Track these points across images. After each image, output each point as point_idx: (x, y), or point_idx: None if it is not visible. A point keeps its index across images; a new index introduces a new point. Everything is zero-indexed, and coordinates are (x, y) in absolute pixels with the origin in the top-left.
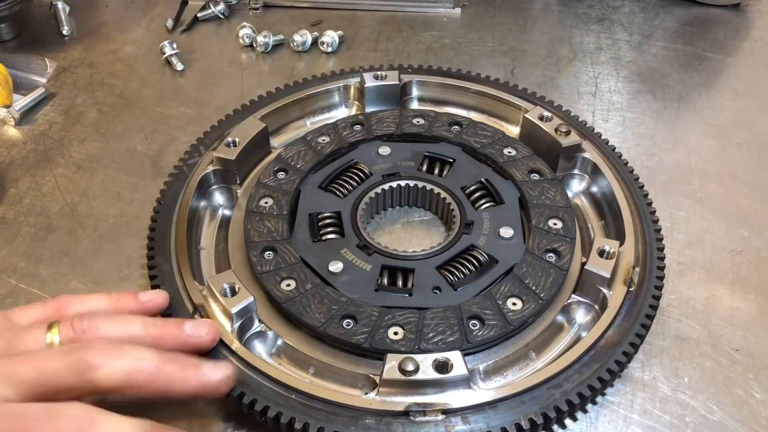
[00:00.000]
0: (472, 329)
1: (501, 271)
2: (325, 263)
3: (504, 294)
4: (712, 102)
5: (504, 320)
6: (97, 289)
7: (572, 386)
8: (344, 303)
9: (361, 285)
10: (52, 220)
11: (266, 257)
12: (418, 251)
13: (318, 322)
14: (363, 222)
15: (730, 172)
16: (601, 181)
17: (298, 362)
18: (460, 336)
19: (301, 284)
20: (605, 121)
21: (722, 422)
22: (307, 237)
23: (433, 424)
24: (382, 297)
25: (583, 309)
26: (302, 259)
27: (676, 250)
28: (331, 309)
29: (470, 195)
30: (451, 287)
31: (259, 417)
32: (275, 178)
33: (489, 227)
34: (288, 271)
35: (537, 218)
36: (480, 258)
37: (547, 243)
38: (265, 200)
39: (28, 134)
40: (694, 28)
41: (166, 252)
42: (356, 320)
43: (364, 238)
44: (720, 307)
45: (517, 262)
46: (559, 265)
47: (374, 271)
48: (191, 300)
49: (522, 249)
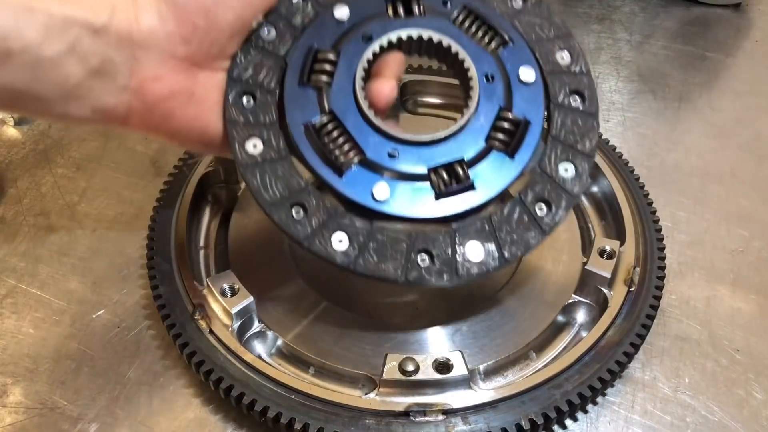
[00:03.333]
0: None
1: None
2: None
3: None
4: (712, 102)
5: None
6: (96, 289)
7: (573, 386)
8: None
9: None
10: (51, 220)
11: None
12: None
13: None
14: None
15: (730, 172)
16: (602, 181)
17: (298, 362)
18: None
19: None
20: (606, 120)
21: (723, 422)
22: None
23: (433, 425)
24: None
25: (584, 309)
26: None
27: (677, 250)
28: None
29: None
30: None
31: (258, 417)
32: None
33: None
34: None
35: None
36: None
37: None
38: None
39: (28, 134)
40: (695, 27)
41: (166, 252)
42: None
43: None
44: (721, 308)
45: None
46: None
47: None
48: (191, 300)
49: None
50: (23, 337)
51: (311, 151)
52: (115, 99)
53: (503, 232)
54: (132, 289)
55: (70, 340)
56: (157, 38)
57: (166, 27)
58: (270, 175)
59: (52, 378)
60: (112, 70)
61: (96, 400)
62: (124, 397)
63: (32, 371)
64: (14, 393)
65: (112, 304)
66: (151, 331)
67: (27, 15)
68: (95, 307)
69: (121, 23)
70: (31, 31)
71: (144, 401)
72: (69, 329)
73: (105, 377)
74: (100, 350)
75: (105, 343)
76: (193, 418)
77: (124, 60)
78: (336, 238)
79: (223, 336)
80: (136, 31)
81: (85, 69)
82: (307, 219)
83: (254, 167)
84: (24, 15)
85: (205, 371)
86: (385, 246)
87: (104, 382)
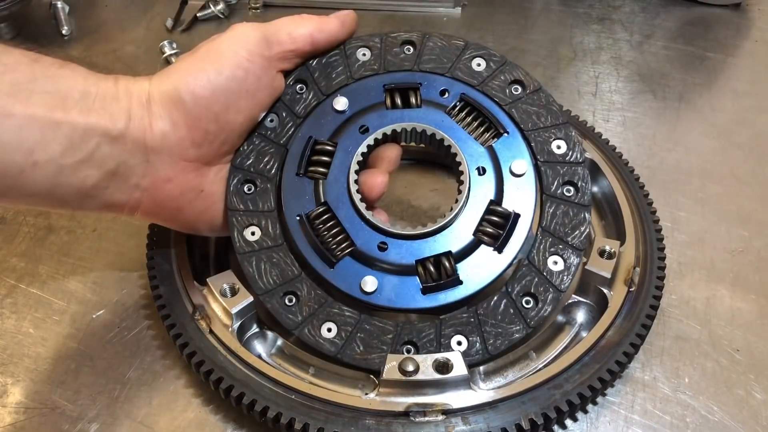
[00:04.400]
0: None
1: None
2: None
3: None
4: (712, 102)
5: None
6: (96, 289)
7: (573, 386)
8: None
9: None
10: (51, 220)
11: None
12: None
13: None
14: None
15: (730, 172)
16: (602, 181)
17: (298, 362)
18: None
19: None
20: (606, 120)
21: (722, 422)
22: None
23: (433, 425)
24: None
25: (584, 309)
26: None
27: (677, 250)
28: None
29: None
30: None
31: (259, 417)
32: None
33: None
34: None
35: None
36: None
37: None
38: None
39: None
40: (695, 27)
41: (166, 252)
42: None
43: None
44: (720, 308)
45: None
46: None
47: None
48: (191, 300)
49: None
50: (23, 337)
51: (305, 242)
52: (127, 196)
53: (488, 326)
54: (132, 289)
55: (70, 340)
56: (169, 143)
57: (178, 133)
58: (265, 263)
59: (52, 378)
60: (126, 173)
61: (96, 400)
62: (124, 397)
63: (32, 371)
64: (14, 393)
65: (112, 304)
66: (151, 331)
67: (53, 129)
68: (95, 307)
69: (136, 130)
70: (56, 144)
71: (144, 401)
72: (69, 329)
73: (105, 377)
74: (100, 350)
75: (105, 343)
76: (193, 418)
77: (138, 163)
78: (325, 327)
79: (223, 336)
80: (149, 137)
81: (102, 172)
82: (298, 307)
83: (251, 255)
84: (50, 129)
85: (205, 371)
86: (372, 336)
87: (104, 382)
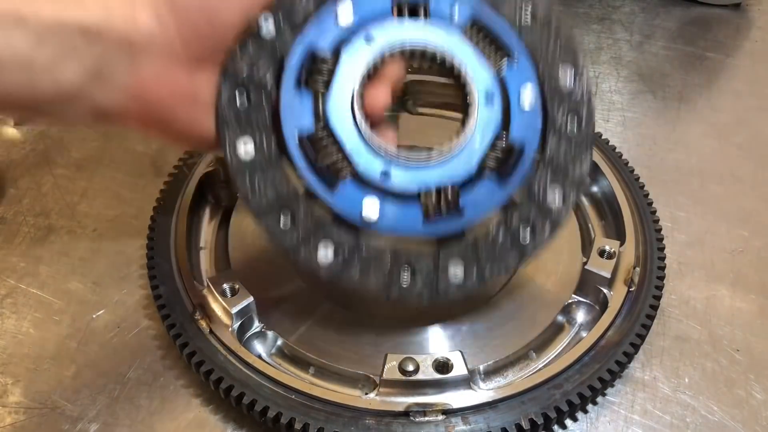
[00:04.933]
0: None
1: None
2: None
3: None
4: (712, 102)
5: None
6: (96, 289)
7: (573, 386)
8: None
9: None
10: (51, 220)
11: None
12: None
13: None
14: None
15: (730, 172)
16: (602, 181)
17: (298, 362)
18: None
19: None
20: (605, 120)
21: (723, 422)
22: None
23: (433, 425)
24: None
25: (584, 309)
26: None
27: (677, 250)
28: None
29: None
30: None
31: (258, 417)
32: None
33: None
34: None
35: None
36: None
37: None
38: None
39: (28, 134)
40: (695, 27)
41: (166, 252)
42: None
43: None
44: (720, 308)
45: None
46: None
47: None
48: (191, 300)
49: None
50: (23, 337)
51: (303, 160)
52: (113, 101)
53: (486, 253)
54: (132, 289)
55: (70, 340)
56: (155, 40)
57: (165, 29)
58: (260, 179)
59: (52, 378)
60: (110, 73)
61: (96, 400)
62: (124, 397)
63: (32, 371)
64: (14, 393)
65: (112, 304)
66: (151, 331)
67: (16, 24)
68: (95, 307)
69: (117, 25)
70: (21, 40)
71: (144, 401)
72: (69, 329)
73: (105, 377)
74: (100, 350)
75: (105, 343)
76: (193, 418)
77: (122, 62)
78: (322, 250)
79: (223, 336)
80: (133, 33)
81: (81, 72)
82: (294, 227)
83: (244, 171)
84: (13, 25)
85: (205, 371)
86: (369, 260)
87: (104, 382)
